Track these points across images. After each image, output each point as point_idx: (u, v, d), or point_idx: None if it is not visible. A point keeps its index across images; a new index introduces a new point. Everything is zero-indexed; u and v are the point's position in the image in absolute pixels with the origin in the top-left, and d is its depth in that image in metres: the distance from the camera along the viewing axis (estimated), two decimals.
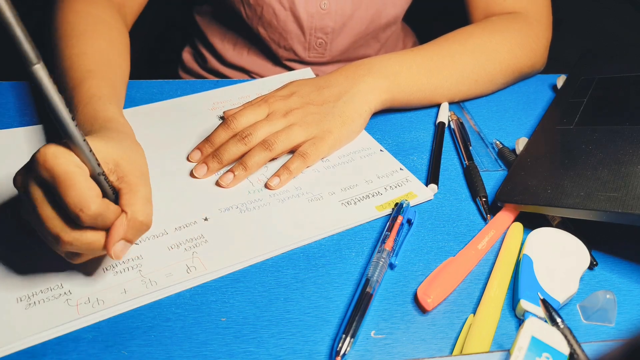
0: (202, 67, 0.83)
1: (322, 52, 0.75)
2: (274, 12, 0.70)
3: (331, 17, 0.71)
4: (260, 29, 0.73)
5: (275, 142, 0.52)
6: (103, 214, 0.36)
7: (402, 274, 0.44)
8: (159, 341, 0.38)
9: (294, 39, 0.73)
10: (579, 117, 0.56)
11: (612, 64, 0.63)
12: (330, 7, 0.70)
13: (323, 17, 0.71)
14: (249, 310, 0.40)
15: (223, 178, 0.50)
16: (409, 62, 0.60)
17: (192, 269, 0.42)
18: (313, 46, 0.74)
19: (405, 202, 0.48)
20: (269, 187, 0.50)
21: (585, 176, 0.46)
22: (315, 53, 0.75)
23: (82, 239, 0.37)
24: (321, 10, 0.70)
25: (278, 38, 0.73)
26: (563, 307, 0.41)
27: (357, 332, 0.38)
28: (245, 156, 0.51)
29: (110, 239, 0.37)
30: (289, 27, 0.72)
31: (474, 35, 0.64)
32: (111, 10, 0.61)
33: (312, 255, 0.45)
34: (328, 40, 0.73)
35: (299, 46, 0.74)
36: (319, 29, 0.72)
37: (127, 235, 0.38)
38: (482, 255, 0.45)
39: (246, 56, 0.78)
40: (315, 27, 0.72)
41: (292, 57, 0.76)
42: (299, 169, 0.52)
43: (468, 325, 0.39)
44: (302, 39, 0.73)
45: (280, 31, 0.72)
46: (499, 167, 0.56)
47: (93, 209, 0.35)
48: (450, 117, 0.61)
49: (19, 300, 0.39)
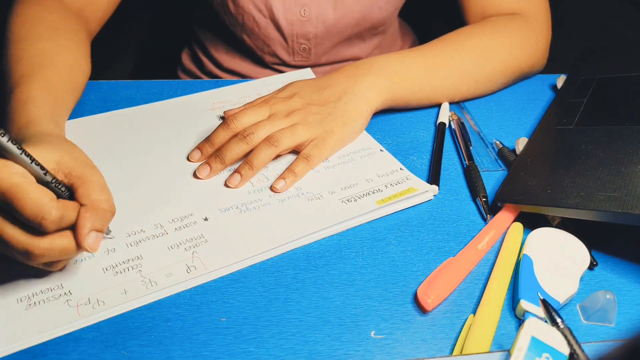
0: (200, 70, 0.83)
1: (307, 56, 0.75)
2: (254, 20, 0.70)
3: (312, 24, 0.71)
4: (244, 36, 0.73)
5: (281, 138, 0.51)
6: (65, 215, 0.36)
7: (402, 274, 0.44)
8: (159, 341, 0.38)
9: (277, 45, 0.73)
10: (579, 117, 0.56)
11: (612, 64, 0.63)
12: (311, 14, 0.70)
13: (304, 24, 0.71)
14: (249, 310, 0.40)
15: (230, 180, 0.50)
16: (409, 62, 0.60)
17: (192, 269, 0.42)
18: (297, 51, 0.74)
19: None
20: (274, 190, 0.50)
21: (585, 176, 0.46)
22: (299, 57, 0.75)
23: (53, 247, 0.36)
24: (301, 18, 0.70)
25: (262, 45, 0.74)
26: (563, 307, 0.41)
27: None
28: (251, 154, 0.51)
29: (80, 236, 0.37)
30: (270, 34, 0.72)
31: (474, 36, 0.64)
32: (65, 14, 0.60)
33: (312, 255, 0.45)
34: (311, 45, 0.73)
35: (282, 52, 0.74)
36: (300, 36, 0.72)
37: (95, 226, 0.38)
38: (482, 255, 0.45)
39: (239, 61, 0.78)
40: (296, 34, 0.72)
41: (277, 62, 0.76)
42: (304, 171, 0.52)
43: (468, 325, 0.39)
44: (285, 45, 0.73)
45: (262, 38, 0.72)
46: (499, 167, 0.56)
47: (54, 214, 0.35)
48: (451, 116, 0.61)
49: (19, 301, 0.39)
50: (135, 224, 0.46)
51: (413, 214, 0.49)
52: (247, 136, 0.52)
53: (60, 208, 0.36)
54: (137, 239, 0.45)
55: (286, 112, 0.55)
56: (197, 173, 0.51)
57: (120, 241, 0.44)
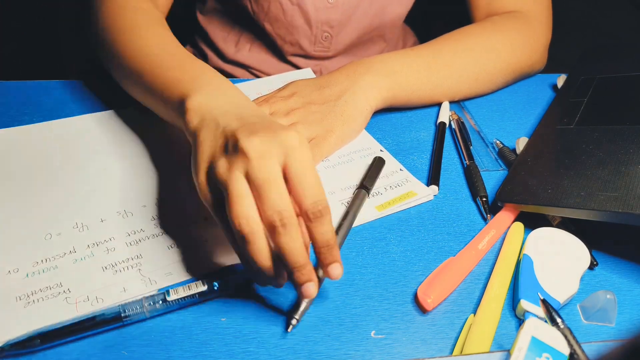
0: None
1: (328, 45, 0.75)
2: (281, 7, 0.71)
3: (337, 10, 0.72)
4: (267, 25, 0.73)
5: None
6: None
7: (402, 274, 0.44)
8: (159, 341, 0.38)
9: (300, 33, 0.73)
10: (579, 117, 0.56)
11: (612, 64, 0.63)
12: (337, 1, 0.71)
13: (329, 10, 0.71)
14: (249, 310, 0.40)
15: None
16: (409, 61, 0.60)
17: (192, 269, 0.42)
18: (319, 40, 0.74)
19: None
20: None
21: (585, 176, 0.46)
22: (320, 47, 0.75)
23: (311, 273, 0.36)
24: (328, 4, 0.71)
25: (284, 33, 0.74)
26: (563, 307, 0.41)
27: None
28: None
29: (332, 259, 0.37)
30: (295, 21, 0.72)
31: (474, 35, 0.64)
32: (147, 3, 0.61)
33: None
34: (334, 33, 0.74)
35: (305, 40, 0.74)
36: (324, 22, 0.72)
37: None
38: (482, 255, 0.45)
39: (248, 53, 0.78)
40: (321, 21, 0.72)
41: (297, 52, 0.76)
42: None
43: (468, 325, 0.39)
44: (309, 33, 0.73)
45: (286, 26, 0.73)
46: (499, 167, 0.56)
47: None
48: (451, 116, 0.61)
49: (18, 299, 0.39)
50: (135, 223, 0.46)
51: (413, 214, 0.49)
52: None
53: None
54: (136, 238, 0.45)
55: (286, 110, 0.55)
56: None
57: (120, 240, 0.44)
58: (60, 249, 0.43)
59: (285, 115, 0.54)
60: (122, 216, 0.47)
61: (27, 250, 0.43)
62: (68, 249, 0.43)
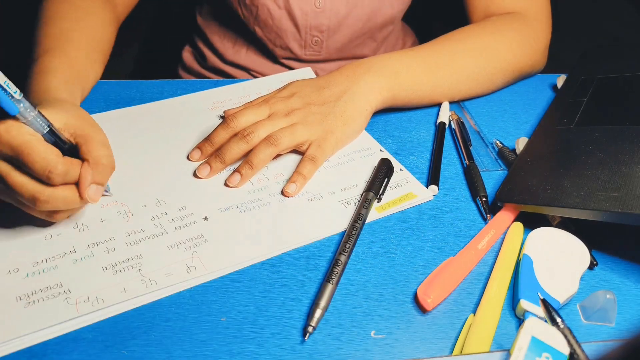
0: (202, 65, 0.83)
1: (319, 50, 0.75)
2: (269, 12, 0.71)
3: (326, 16, 0.72)
4: (257, 29, 0.73)
5: (280, 137, 0.51)
6: (69, 170, 0.40)
7: (402, 274, 0.44)
8: (159, 341, 0.38)
9: (289, 38, 0.73)
10: (579, 117, 0.56)
11: (612, 64, 0.63)
12: (325, 6, 0.71)
13: (318, 15, 0.71)
14: (249, 310, 0.40)
15: (230, 179, 0.50)
16: (408, 61, 0.60)
17: (192, 269, 0.42)
18: (309, 44, 0.74)
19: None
20: (287, 195, 0.50)
21: (585, 176, 0.46)
22: (311, 51, 0.75)
23: (56, 195, 0.40)
24: (316, 9, 0.71)
25: (274, 37, 0.74)
26: (563, 307, 0.41)
27: None
28: (251, 154, 0.51)
29: (82, 187, 0.41)
30: (284, 25, 0.72)
31: (474, 35, 0.64)
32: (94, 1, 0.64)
33: (312, 255, 0.45)
34: (324, 38, 0.74)
35: (294, 44, 0.74)
36: (314, 27, 0.72)
37: (96, 179, 0.42)
38: (482, 255, 0.45)
39: (245, 55, 0.78)
40: (310, 26, 0.72)
41: (288, 56, 0.76)
42: (312, 172, 0.52)
43: (468, 325, 0.39)
44: (298, 37, 0.73)
45: (275, 30, 0.72)
46: (499, 167, 0.56)
47: (60, 168, 0.40)
48: (451, 116, 0.61)
49: (18, 299, 0.39)
50: (135, 223, 0.46)
51: (413, 214, 0.49)
52: (247, 135, 0.52)
53: (65, 163, 0.40)
54: (136, 238, 0.45)
55: (286, 111, 0.55)
56: (197, 172, 0.51)
57: (120, 240, 0.44)
58: (60, 249, 0.43)
59: (285, 116, 0.54)
60: (122, 216, 0.47)
61: (27, 250, 0.43)
62: (68, 249, 0.43)
